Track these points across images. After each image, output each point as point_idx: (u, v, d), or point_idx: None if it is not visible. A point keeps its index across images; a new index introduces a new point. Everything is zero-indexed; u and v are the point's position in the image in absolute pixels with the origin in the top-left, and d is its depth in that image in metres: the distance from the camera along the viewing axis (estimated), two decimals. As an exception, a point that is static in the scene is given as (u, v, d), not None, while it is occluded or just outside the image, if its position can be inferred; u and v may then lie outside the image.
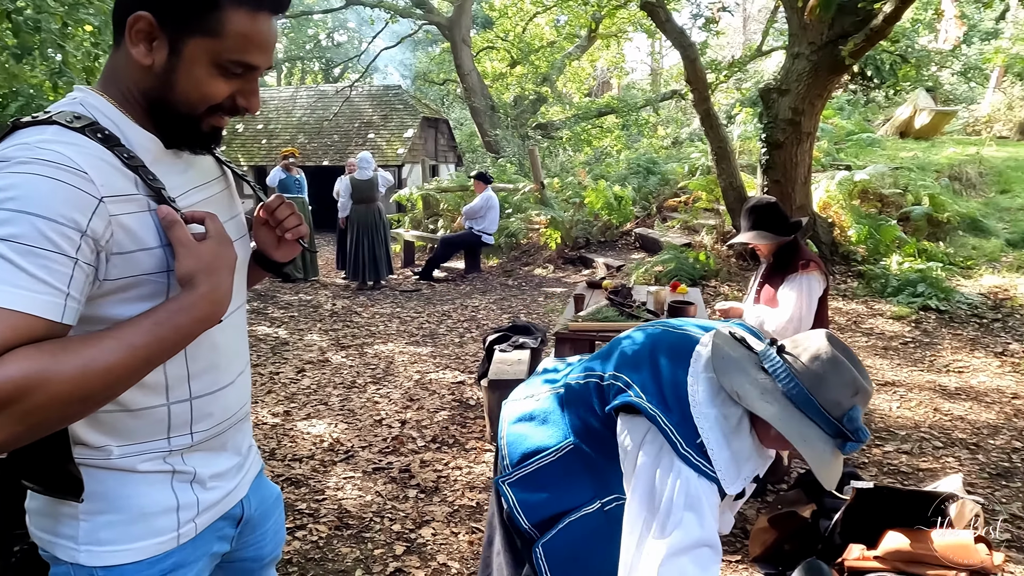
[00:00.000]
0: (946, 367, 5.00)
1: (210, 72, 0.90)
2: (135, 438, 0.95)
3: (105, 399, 0.81)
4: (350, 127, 17.41)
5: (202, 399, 1.00)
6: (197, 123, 0.94)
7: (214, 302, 0.87)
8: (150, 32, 0.87)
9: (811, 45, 6.22)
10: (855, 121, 12.19)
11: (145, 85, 0.91)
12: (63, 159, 0.80)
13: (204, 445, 1.03)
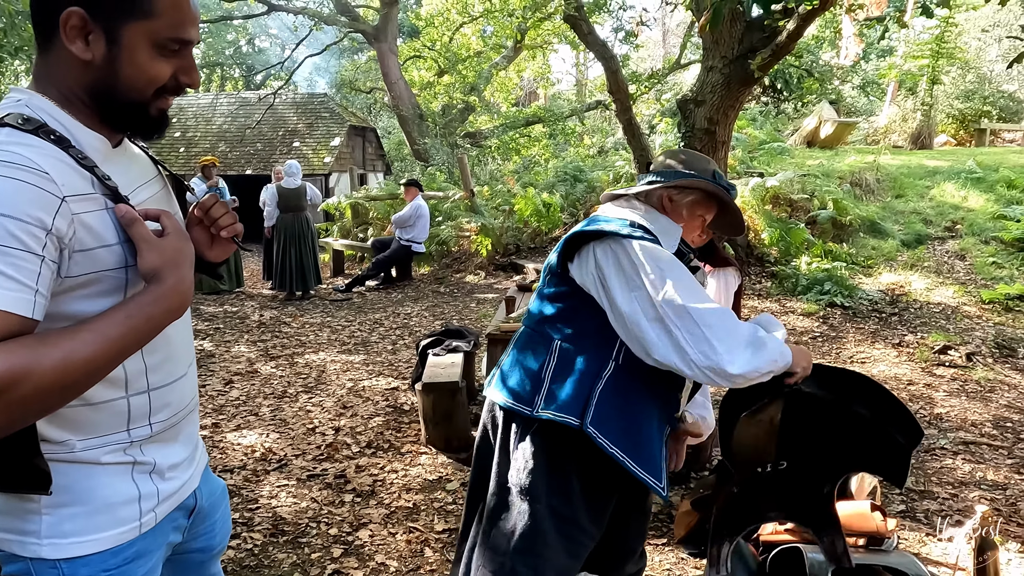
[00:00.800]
0: (851, 358, 5.39)
1: (151, 54, 0.92)
2: (97, 431, 0.96)
3: (84, 389, 0.85)
4: (274, 135, 17.01)
5: (159, 390, 1.03)
6: (146, 109, 0.97)
7: (181, 293, 0.92)
8: (84, 27, 0.88)
9: (723, 59, 6.58)
10: (767, 131, 12.90)
11: (88, 81, 0.92)
12: (24, 160, 0.82)
13: (161, 436, 1.05)
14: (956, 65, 15.61)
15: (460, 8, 16.43)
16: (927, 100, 14.21)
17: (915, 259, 7.60)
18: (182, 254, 0.94)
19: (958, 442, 3.83)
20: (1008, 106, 17.17)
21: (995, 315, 6.23)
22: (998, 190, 9.03)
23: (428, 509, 3.11)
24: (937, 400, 4.50)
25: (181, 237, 0.96)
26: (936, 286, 6.90)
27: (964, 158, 10.83)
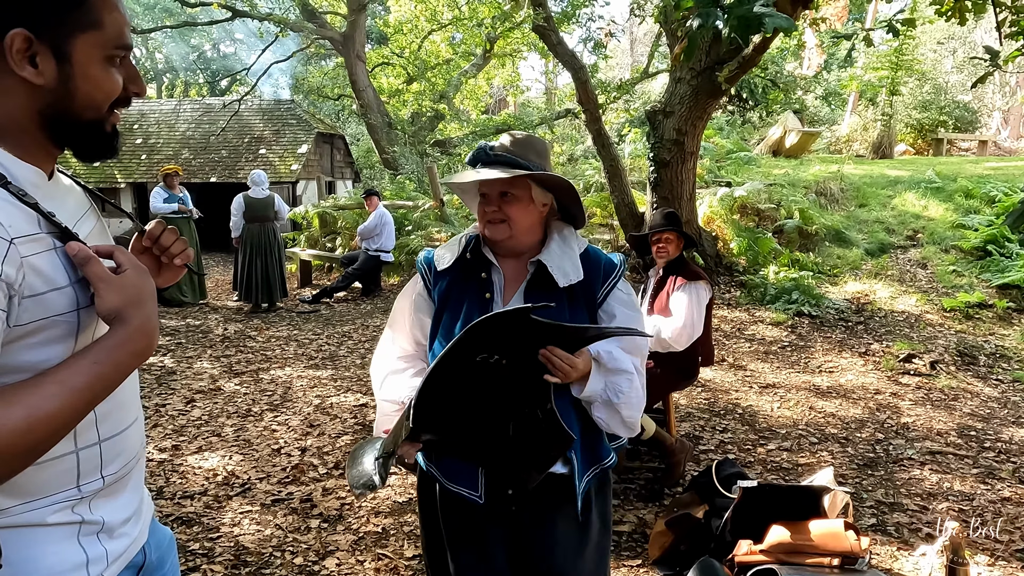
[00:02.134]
0: (819, 368, 5.45)
1: (103, 67, 0.88)
2: (43, 491, 0.89)
3: (49, 447, 0.79)
4: (239, 142, 16.71)
5: (110, 440, 0.97)
6: (102, 125, 0.92)
7: (147, 334, 0.87)
8: (29, 48, 0.82)
9: (691, 71, 6.63)
10: (734, 140, 13.09)
11: (36, 106, 0.86)
12: None
13: (111, 489, 0.98)
14: (914, 76, 16.06)
15: (429, 16, 16.38)
16: (887, 110, 14.58)
17: (879, 268, 7.74)
18: (144, 291, 0.89)
19: (925, 452, 3.88)
20: (963, 116, 17.74)
21: (956, 323, 6.37)
22: (957, 199, 9.27)
23: (398, 533, 3.02)
24: (903, 409, 4.57)
25: (140, 273, 0.90)
26: (900, 295, 7.04)
27: (924, 168, 11.11)
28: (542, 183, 1.54)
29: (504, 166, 1.50)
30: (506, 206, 1.52)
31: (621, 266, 1.61)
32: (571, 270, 1.53)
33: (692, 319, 3.25)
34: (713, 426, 4.29)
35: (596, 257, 1.60)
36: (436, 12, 16.31)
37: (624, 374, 1.50)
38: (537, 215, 1.56)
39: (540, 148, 1.58)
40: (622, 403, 1.50)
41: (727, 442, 4.04)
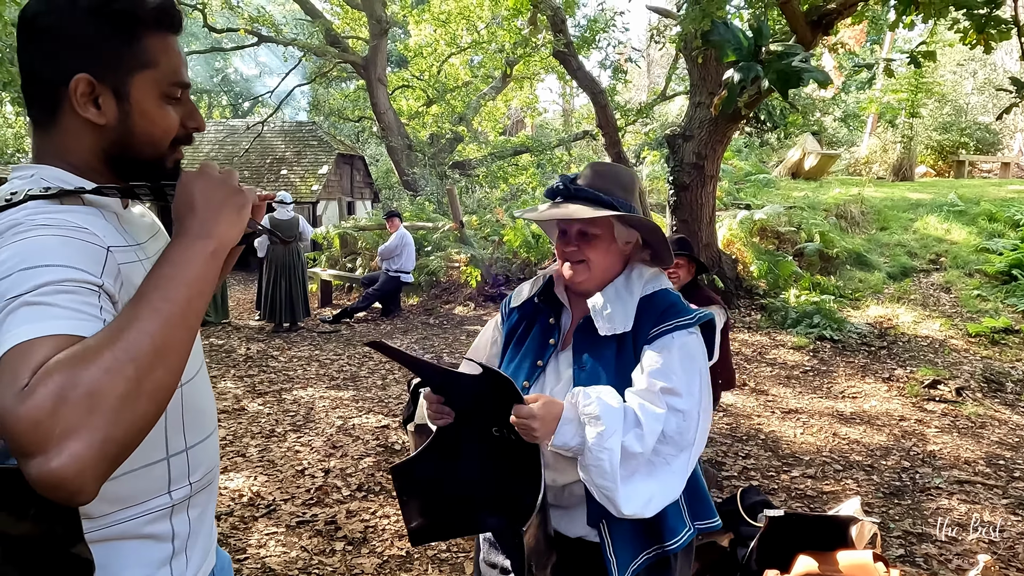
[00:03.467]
0: (842, 393, 5.40)
1: (159, 104, 0.92)
2: (138, 498, 0.93)
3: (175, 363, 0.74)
4: (261, 163, 17.01)
5: (195, 448, 1.01)
6: (163, 162, 0.96)
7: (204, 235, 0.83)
8: (93, 91, 0.87)
9: (710, 95, 6.68)
10: (752, 163, 13.09)
11: (102, 145, 0.91)
12: (61, 221, 0.81)
13: (195, 500, 1.03)
14: (934, 98, 16.00)
15: (448, 39, 16.63)
16: (907, 132, 14.51)
17: (901, 292, 7.68)
18: (196, 196, 0.86)
19: (952, 481, 3.82)
20: (984, 137, 17.61)
21: (982, 348, 6.28)
22: (980, 223, 9.19)
23: (422, 557, 3.03)
24: (929, 437, 4.51)
25: (195, 177, 0.88)
26: (923, 319, 6.97)
27: (945, 190, 11.03)
28: (627, 221, 1.42)
29: (586, 202, 1.39)
30: (586, 247, 1.41)
31: (693, 317, 1.37)
32: (619, 317, 1.39)
33: None
34: (736, 452, 4.26)
35: (661, 302, 1.40)
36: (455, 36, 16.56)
37: (595, 424, 1.23)
38: (618, 254, 1.45)
39: (626, 181, 1.45)
40: (588, 465, 1.23)
41: (750, 468, 4.01)
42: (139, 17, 0.89)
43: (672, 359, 1.32)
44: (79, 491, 0.62)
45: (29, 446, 0.61)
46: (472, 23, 16.14)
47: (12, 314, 0.70)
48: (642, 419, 1.26)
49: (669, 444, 1.28)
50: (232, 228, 0.86)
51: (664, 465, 1.28)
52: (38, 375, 0.63)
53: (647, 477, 1.27)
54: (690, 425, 1.29)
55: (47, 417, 0.61)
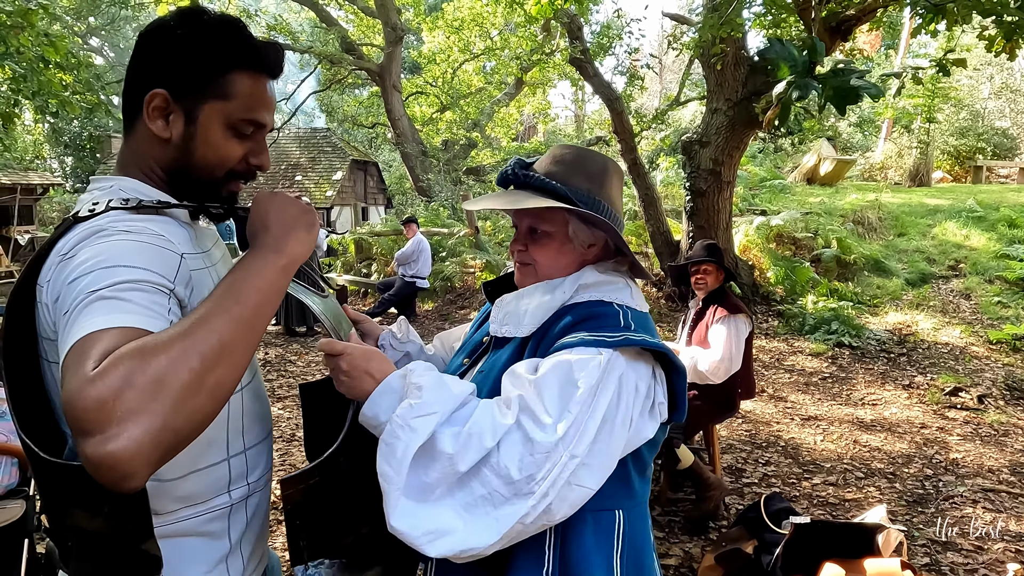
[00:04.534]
0: (861, 400, 5.37)
1: (224, 134, 0.96)
2: (202, 496, 0.98)
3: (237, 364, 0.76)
4: (277, 169, 17.18)
5: (253, 449, 1.06)
6: (217, 190, 1.00)
7: (276, 250, 0.87)
8: (166, 107, 0.94)
9: (727, 101, 6.68)
10: (767, 168, 13.05)
11: (165, 159, 0.97)
12: (141, 228, 0.86)
13: (251, 500, 1.07)
14: (950, 103, 15.88)
15: (462, 46, 16.73)
16: (923, 138, 14.41)
17: (920, 298, 7.62)
18: (270, 214, 0.91)
19: (976, 489, 3.79)
20: (1002, 142, 17.45)
21: (1003, 356, 6.22)
22: (999, 229, 9.11)
23: (445, 562, 3.05)
24: (952, 444, 4.47)
25: (266, 199, 0.95)
26: (943, 326, 6.91)
27: (963, 196, 10.94)
28: (584, 218, 1.14)
29: (537, 191, 1.14)
30: (533, 246, 1.18)
31: (613, 335, 1.04)
32: (516, 318, 1.15)
33: (731, 353, 3.25)
34: (756, 459, 4.25)
35: (586, 310, 1.12)
36: (468, 43, 16.66)
37: (414, 395, 0.97)
38: (574, 258, 1.18)
39: (592, 170, 1.17)
40: (382, 442, 0.96)
41: (771, 475, 4.00)
42: (229, 53, 0.94)
43: (553, 374, 0.99)
44: (131, 475, 0.64)
45: (90, 424, 0.63)
46: (485, 30, 16.25)
47: (88, 306, 0.73)
48: (473, 418, 0.96)
49: (500, 478, 0.93)
50: (301, 245, 0.90)
51: (483, 502, 0.94)
52: (109, 360, 0.66)
53: (447, 498, 0.94)
54: (539, 466, 0.93)
55: (112, 398, 0.63)
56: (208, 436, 0.95)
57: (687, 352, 3.38)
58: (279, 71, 1.01)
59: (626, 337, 1.04)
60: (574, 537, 1.04)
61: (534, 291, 1.17)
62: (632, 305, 1.15)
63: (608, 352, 1.02)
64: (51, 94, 5.09)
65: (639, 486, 1.14)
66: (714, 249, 3.51)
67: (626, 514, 1.10)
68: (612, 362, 1.01)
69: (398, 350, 1.42)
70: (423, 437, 0.93)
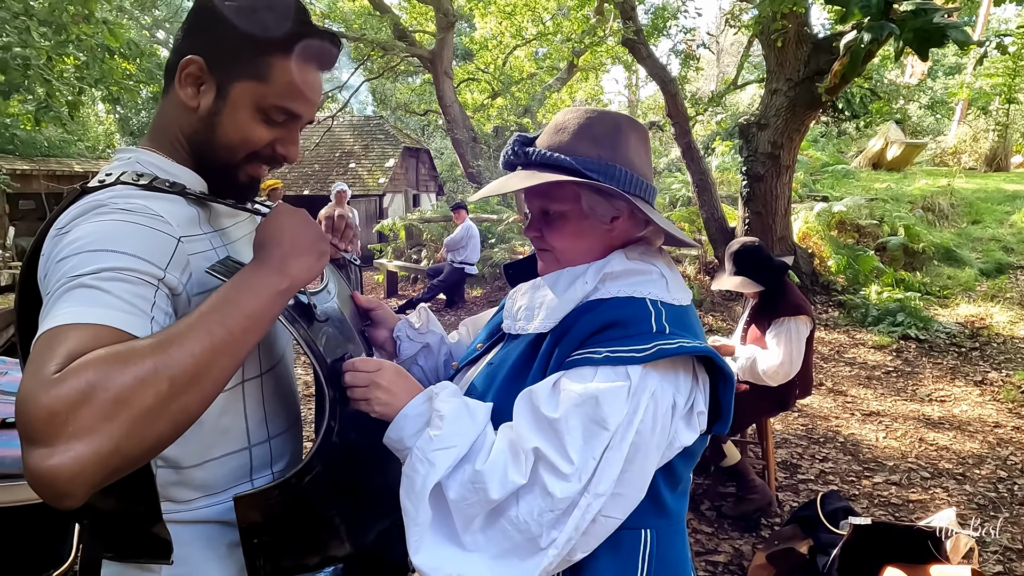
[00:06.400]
0: (928, 396, 5.08)
1: (253, 116, 0.92)
2: (222, 485, 0.95)
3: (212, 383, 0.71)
4: (331, 157, 17.45)
5: (278, 438, 1.02)
6: (236, 171, 0.96)
7: (280, 272, 0.81)
8: (199, 76, 0.90)
9: (788, 81, 6.39)
10: (829, 153, 12.52)
11: (189, 129, 0.93)
12: (140, 207, 0.82)
13: None
14: (1033, 83, 14.86)
15: (514, 32, 16.58)
16: (1002, 120, 13.56)
17: (996, 289, 7.17)
18: (283, 231, 0.84)
19: (1057, 495, 3.52)
20: (1090, 125, 16.26)
21: (1088, 352, 5.79)
22: (1086, 216, 8.49)
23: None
24: (1029, 446, 4.18)
25: (283, 214, 0.87)
26: (1021, 319, 6.48)
27: (1046, 181, 10.25)
28: (595, 187, 0.99)
29: (539, 168, 1.01)
30: (548, 231, 1.05)
31: (645, 349, 0.90)
32: (536, 314, 1.02)
33: (790, 357, 3.01)
34: (812, 454, 4.06)
35: (609, 312, 0.97)
36: (521, 28, 16.50)
37: (435, 426, 0.92)
38: (598, 237, 1.04)
39: (598, 132, 1.01)
40: (404, 473, 0.92)
41: (828, 472, 3.81)
42: (275, 35, 0.90)
43: (577, 414, 0.88)
44: (67, 495, 0.59)
45: (36, 434, 0.58)
46: (537, 14, 16.05)
47: (67, 293, 0.69)
48: (481, 465, 0.89)
49: (520, 533, 0.87)
50: (307, 272, 0.84)
51: (509, 553, 0.88)
52: (74, 366, 0.61)
53: (476, 543, 0.89)
54: (561, 520, 0.86)
55: (66, 411, 0.58)
56: (224, 425, 0.93)
57: (744, 351, 3.17)
58: (329, 64, 0.96)
59: (658, 348, 0.90)
60: (587, 560, 0.94)
61: (552, 282, 1.03)
62: (668, 299, 1.00)
63: (637, 371, 0.89)
64: (114, 82, 5.24)
65: (672, 502, 1.00)
66: (745, 256, 3.10)
67: (655, 534, 0.98)
68: (642, 382, 0.89)
69: (416, 341, 1.32)
70: (440, 472, 0.89)
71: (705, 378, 0.98)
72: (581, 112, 1.04)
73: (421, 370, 1.33)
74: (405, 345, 1.32)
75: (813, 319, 3.14)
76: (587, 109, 1.05)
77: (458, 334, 1.40)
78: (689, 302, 1.05)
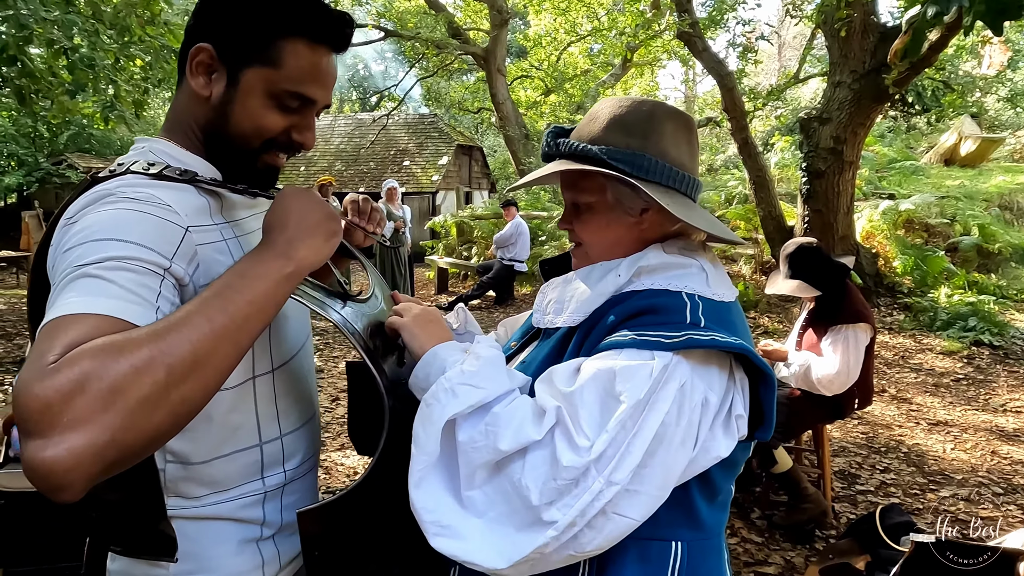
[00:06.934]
0: (1002, 407, 4.77)
1: (265, 103, 0.89)
2: (232, 482, 0.93)
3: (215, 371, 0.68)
4: (386, 155, 17.73)
5: (291, 435, 1.00)
6: (252, 160, 0.93)
7: (285, 256, 0.78)
8: (210, 64, 0.88)
9: (853, 73, 6.11)
10: (897, 148, 11.96)
11: (203, 119, 0.91)
12: (146, 196, 0.80)
13: (291, 488, 1.01)
14: None
15: (568, 28, 16.47)
16: (1091, 112, 12.68)
17: (1080, 294, 6.70)
18: (289, 213, 0.81)
19: None
20: None
21: None
22: None
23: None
24: (1116, 463, 3.87)
25: (292, 196, 0.84)
26: (1108, 326, 6.04)
27: None
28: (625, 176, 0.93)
29: (573, 160, 0.98)
30: (578, 223, 1.02)
31: (676, 336, 0.84)
32: (567, 307, 0.99)
33: (848, 366, 2.84)
34: (872, 464, 3.87)
35: (644, 300, 0.92)
36: (575, 24, 16.37)
37: (471, 362, 0.89)
38: (628, 230, 0.99)
39: (632, 120, 0.96)
40: (423, 399, 0.88)
41: (890, 484, 3.62)
42: (285, 17, 0.87)
43: (592, 386, 0.83)
44: (64, 487, 0.57)
45: (32, 425, 0.57)
46: (592, 10, 15.88)
47: (72, 283, 0.68)
48: (500, 412, 0.84)
49: (520, 499, 0.80)
50: (315, 254, 0.80)
51: (505, 519, 0.82)
52: (69, 356, 0.59)
53: (473, 499, 0.84)
54: (563, 494, 0.79)
55: (60, 402, 0.56)
56: (234, 422, 0.90)
57: (798, 357, 3.01)
58: (343, 46, 0.92)
59: (689, 336, 0.84)
60: (612, 570, 0.89)
61: (584, 275, 1.00)
62: (707, 294, 0.93)
63: (665, 356, 0.83)
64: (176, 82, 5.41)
65: (708, 515, 0.93)
66: (801, 258, 2.93)
67: (687, 547, 0.91)
68: (671, 369, 0.83)
69: None
70: (461, 406, 0.84)
71: (744, 380, 0.90)
72: (615, 101, 1.00)
73: None
74: None
75: (874, 327, 2.96)
76: (623, 98, 1.01)
77: (496, 335, 1.37)
78: (733, 299, 0.98)
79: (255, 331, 0.72)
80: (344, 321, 0.95)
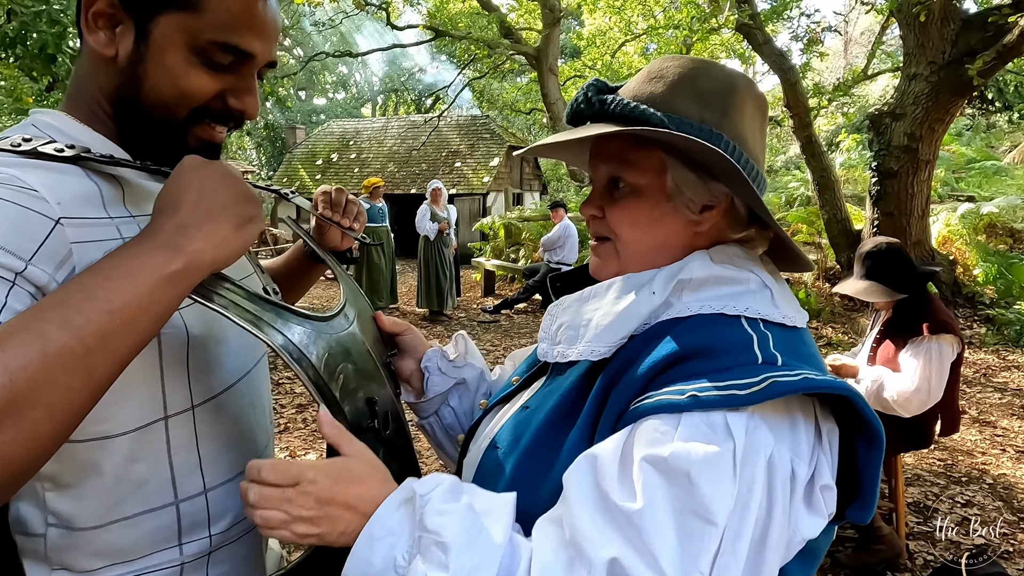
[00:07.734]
0: (1103, 434, 4.26)
1: (187, 59, 0.69)
2: (136, 552, 0.72)
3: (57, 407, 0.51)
4: (437, 156, 17.75)
5: (218, 489, 0.77)
6: (180, 135, 0.73)
7: (171, 247, 0.60)
8: (111, 14, 0.69)
9: (931, 65, 5.64)
10: (976, 148, 11.19)
11: (109, 86, 0.71)
12: (9, 178, 0.62)
13: (226, 552, 0.79)
14: None
15: (623, 26, 16.11)
16: None
17: None
18: (186, 193, 0.63)
19: None
20: None
21: None
22: None
23: None
24: None
25: (191, 168, 0.65)
26: None
27: None
28: (690, 154, 0.70)
29: (616, 121, 0.72)
30: (612, 208, 0.77)
31: (753, 386, 0.60)
32: (583, 334, 0.73)
33: (929, 383, 2.47)
34: (951, 496, 3.47)
35: (694, 335, 0.67)
36: (630, 23, 16.00)
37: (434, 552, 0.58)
38: (678, 230, 0.75)
39: (708, 88, 0.73)
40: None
41: (972, 519, 3.22)
42: None
43: (664, 504, 0.57)
44: None
45: None
46: (648, 8, 15.49)
47: None
48: None
49: None
50: (218, 247, 0.60)
51: None
52: None
53: None
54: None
55: None
56: (136, 475, 0.68)
57: (870, 372, 2.65)
58: None
59: (772, 381, 0.60)
60: None
61: (605, 291, 0.75)
62: (775, 317, 0.69)
63: (742, 421, 0.59)
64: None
65: None
66: (881, 259, 2.61)
67: None
68: (752, 439, 0.59)
69: (450, 376, 1.05)
70: None
71: (833, 432, 0.65)
72: (686, 60, 0.76)
73: (453, 413, 1.05)
74: (435, 379, 1.04)
75: (962, 340, 2.60)
76: (696, 58, 0.77)
77: (501, 369, 1.12)
78: (804, 324, 0.74)
79: (124, 353, 0.53)
80: (287, 344, 0.71)
